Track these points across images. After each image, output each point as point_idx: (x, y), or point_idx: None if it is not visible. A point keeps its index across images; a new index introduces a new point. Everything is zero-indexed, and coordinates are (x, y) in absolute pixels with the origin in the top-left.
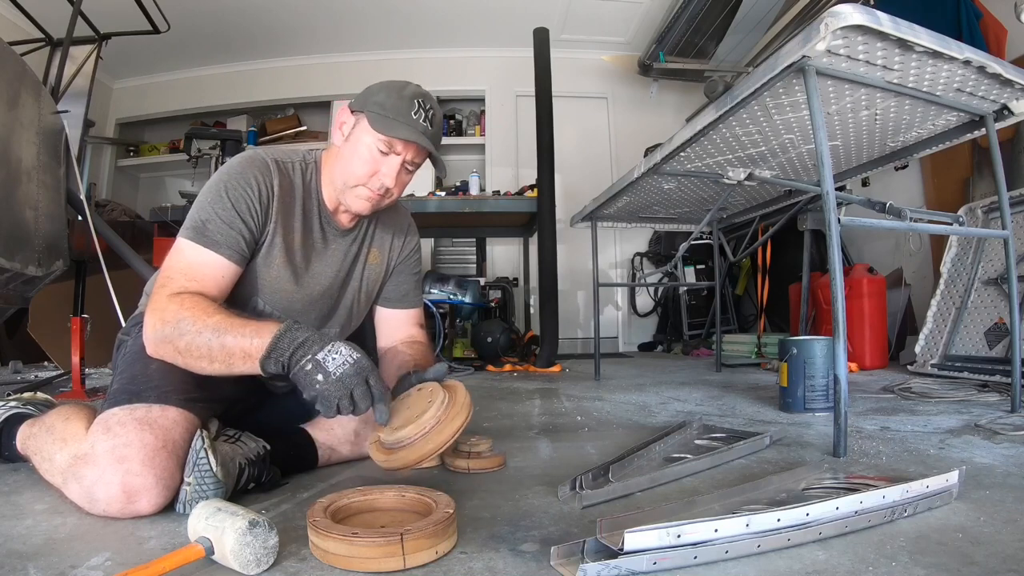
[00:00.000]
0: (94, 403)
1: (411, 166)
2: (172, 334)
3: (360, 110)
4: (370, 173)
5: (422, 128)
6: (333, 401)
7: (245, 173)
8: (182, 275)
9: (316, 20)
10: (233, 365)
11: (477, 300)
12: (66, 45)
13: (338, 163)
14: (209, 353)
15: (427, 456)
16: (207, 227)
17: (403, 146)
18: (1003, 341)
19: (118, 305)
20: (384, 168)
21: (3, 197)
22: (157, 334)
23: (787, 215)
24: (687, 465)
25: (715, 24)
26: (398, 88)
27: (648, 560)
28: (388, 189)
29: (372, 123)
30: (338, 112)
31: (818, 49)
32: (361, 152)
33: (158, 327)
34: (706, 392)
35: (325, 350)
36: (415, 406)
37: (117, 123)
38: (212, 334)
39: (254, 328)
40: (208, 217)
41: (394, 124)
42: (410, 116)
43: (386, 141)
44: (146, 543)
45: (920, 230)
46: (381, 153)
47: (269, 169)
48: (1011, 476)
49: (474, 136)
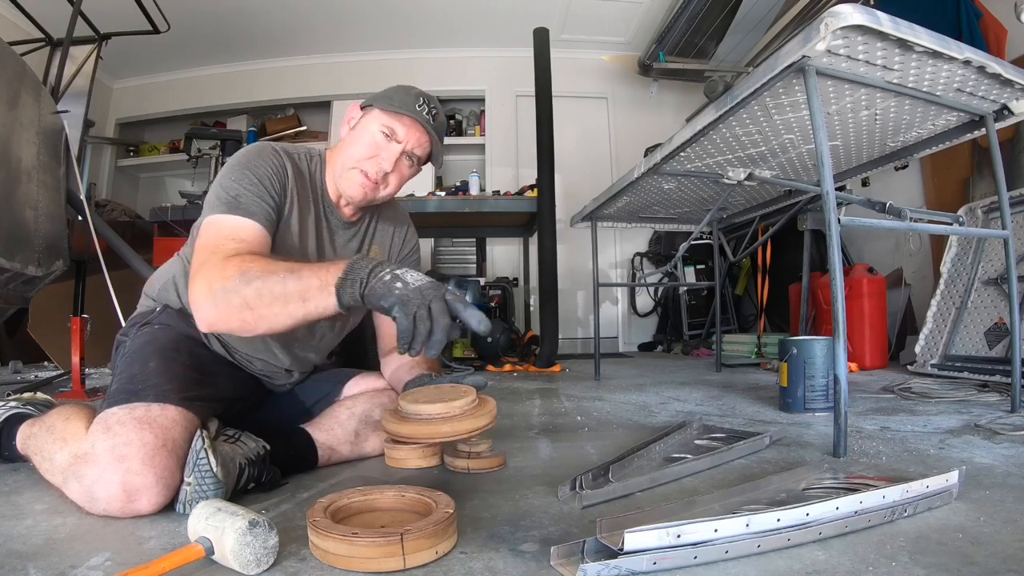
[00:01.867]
0: (94, 403)
1: (411, 159)
2: (237, 286)
3: (369, 104)
4: (370, 155)
5: (424, 119)
6: (412, 307)
7: (262, 154)
8: (229, 239)
9: (316, 20)
10: (309, 300)
11: (477, 300)
12: (66, 45)
13: (342, 149)
14: (284, 294)
15: (442, 437)
16: (239, 200)
17: (405, 132)
18: (1003, 341)
19: (118, 305)
20: (384, 153)
21: (3, 197)
22: (217, 294)
23: (787, 215)
24: (687, 465)
25: (715, 24)
26: (406, 87)
27: (648, 560)
28: (385, 175)
29: (382, 108)
30: (348, 109)
31: (818, 49)
32: (365, 136)
33: (216, 286)
34: (706, 392)
35: (402, 269)
36: (447, 394)
37: (117, 123)
38: (286, 273)
39: (325, 264)
40: (238, 192)
41: (400, 109)
42: (414, 107)
43: (389, 125)
44: (146, 543)
45: (920, 230)
46: (384, 137)
47: (280, 155)
48: (1011, 476)
49: (474, 136)
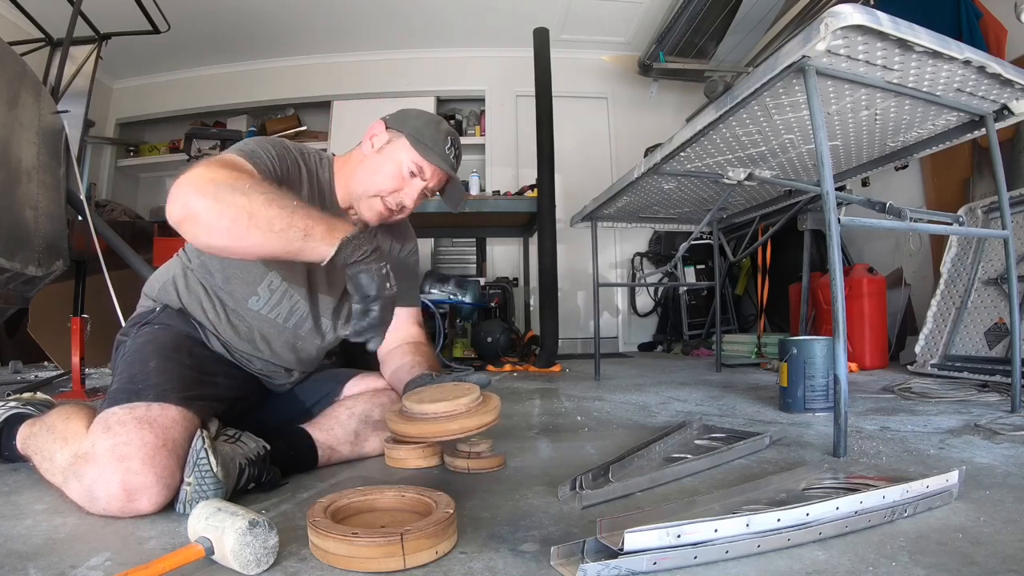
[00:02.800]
0: (94, 403)
1: (429, 192)
2: (247, 189)
3: (398, 129)
4: (393, 188)
5: (451, 163)
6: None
7: (272, 141)
8: (240, 161)
9: (316, 20)
10: (309, 237)
11: (477, 300)
12: (66, 45)
13: (363, 170)
14: (290, 217)
15: (448, 435)
16: (253, 155)
17: (432, 173)
18: (1003, 341)
19: (118, 305)
20: (408, 188)
21: (3, 197)
22: (221, 187)
23: (787, 215)
24: (687, 465)
25: (715, 24)
26: (435, 121)
27: (648, 560)
28: (404, 208)
29: (413, 144)
30: (372, 125)
31: (818, 49)
32: (391, 168)
33: (222, 180)
34: (706, 392)
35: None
36: (450, 392)
37: (117, 123)
38: (298, 202)
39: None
40: (252, 149)
41: (431, 152)
42: (443, 149)
43: (419, 165)
44: (146, 543)
45: (920, 230)
46: (410, 174)
47: (292, 150)
48: (1011, 476)
49: (474, 136)
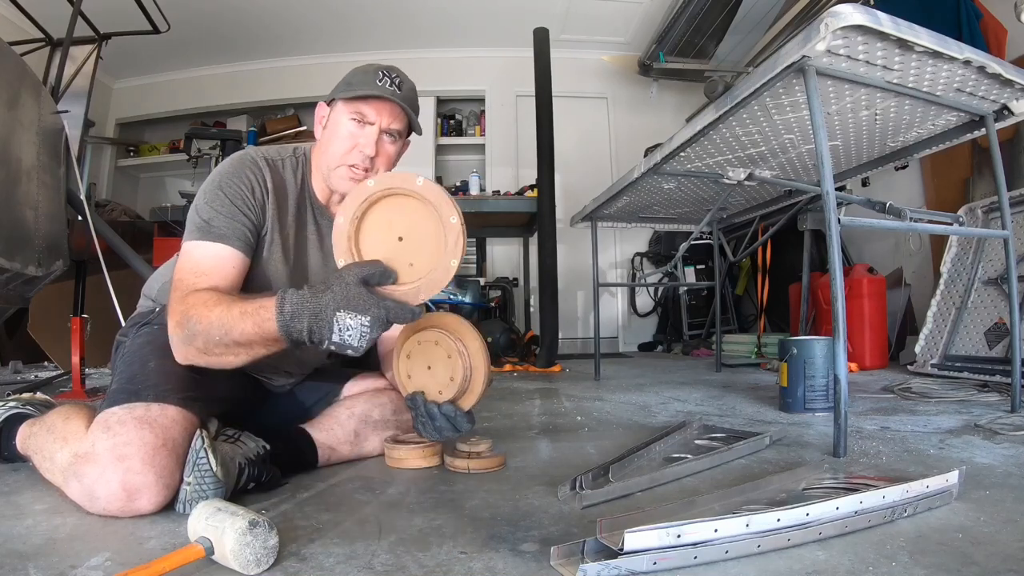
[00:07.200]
0: (94, 403)
1: (391, 135)
2: (188, 336)
3: (332, 97)
4: (349, 148)
5: (389, 91)
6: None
7: (239, 172)
8: (191, 274)
9: (317, 20)
10: (253, 346)
11: (477, 300)
12: (66, 45)
13: (319, 151)
14: (225, 343)
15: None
16: (211, 224)
17: (375, 111)
18: (1003, 341)
19: (118, 305)
20: (362, 140)
21: (3, 197)
22: (177, 341)
23: (787, 215)
24: (687, 465)
25: (715, 24)
26: (363, 67)
27: (648, 560)
28: (371, 159)
29: (345, 98)
30: (316, 109)
31: (818, 49)
32: (339, 132)
33: (177, 333)
34: (706, 392)
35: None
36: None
37: (117, 123)
38: (222, 322)
39: (258, 303)
40: (210, 216)
41: (360, 89)
42: (375, 83)
43: (357, 111)
44: (146, 543)
45: (920, 230)
46: (356, 124)
47: (260, 167)
48: (1011, 476)
49: (474, 136)
